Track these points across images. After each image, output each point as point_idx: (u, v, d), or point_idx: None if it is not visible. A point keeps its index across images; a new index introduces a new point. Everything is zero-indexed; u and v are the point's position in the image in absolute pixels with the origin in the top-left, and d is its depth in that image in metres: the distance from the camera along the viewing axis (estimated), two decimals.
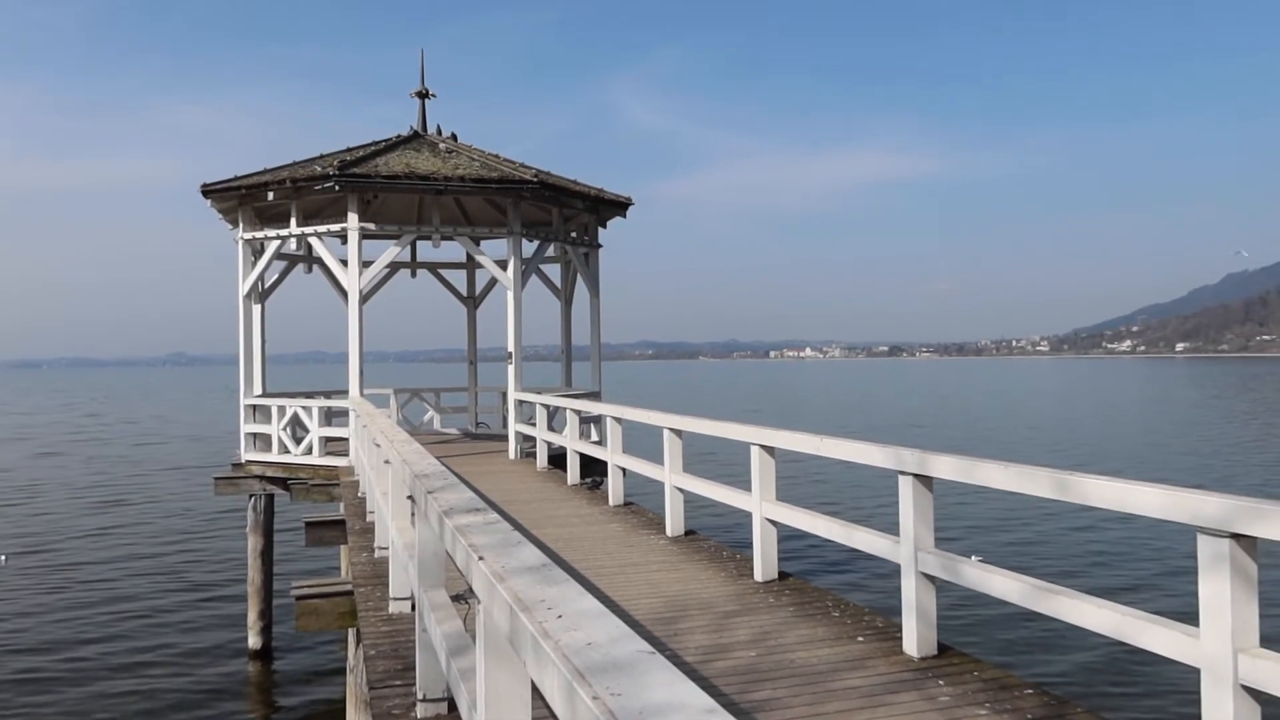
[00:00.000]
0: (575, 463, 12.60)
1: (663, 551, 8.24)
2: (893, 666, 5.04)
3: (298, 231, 15.67)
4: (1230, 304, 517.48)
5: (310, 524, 11.28)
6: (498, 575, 2.28)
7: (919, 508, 5.20)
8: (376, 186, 15.33)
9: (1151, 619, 3.89)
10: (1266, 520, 3.31)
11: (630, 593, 6.76)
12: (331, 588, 7.64)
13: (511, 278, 15.93)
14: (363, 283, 15.66)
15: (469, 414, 21.76)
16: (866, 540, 5.78)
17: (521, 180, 15.40)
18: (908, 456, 5.18)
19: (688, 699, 1.43)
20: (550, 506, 10.76)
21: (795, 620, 5.96)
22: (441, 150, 17.00)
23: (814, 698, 4.59)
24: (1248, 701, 3.45)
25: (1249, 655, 3.41)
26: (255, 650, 14.25)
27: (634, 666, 1.58)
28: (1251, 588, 3.48)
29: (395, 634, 5.72)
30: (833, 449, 6.08)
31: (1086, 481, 4.10)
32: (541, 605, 1.99)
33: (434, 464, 4.70)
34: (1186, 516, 3.57)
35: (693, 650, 5.35)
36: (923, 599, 5.20)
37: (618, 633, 1.78)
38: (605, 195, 17.69)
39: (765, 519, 7.00)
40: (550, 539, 8.77)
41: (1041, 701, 4.51)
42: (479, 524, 2.97)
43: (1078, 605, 4.18)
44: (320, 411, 15.14)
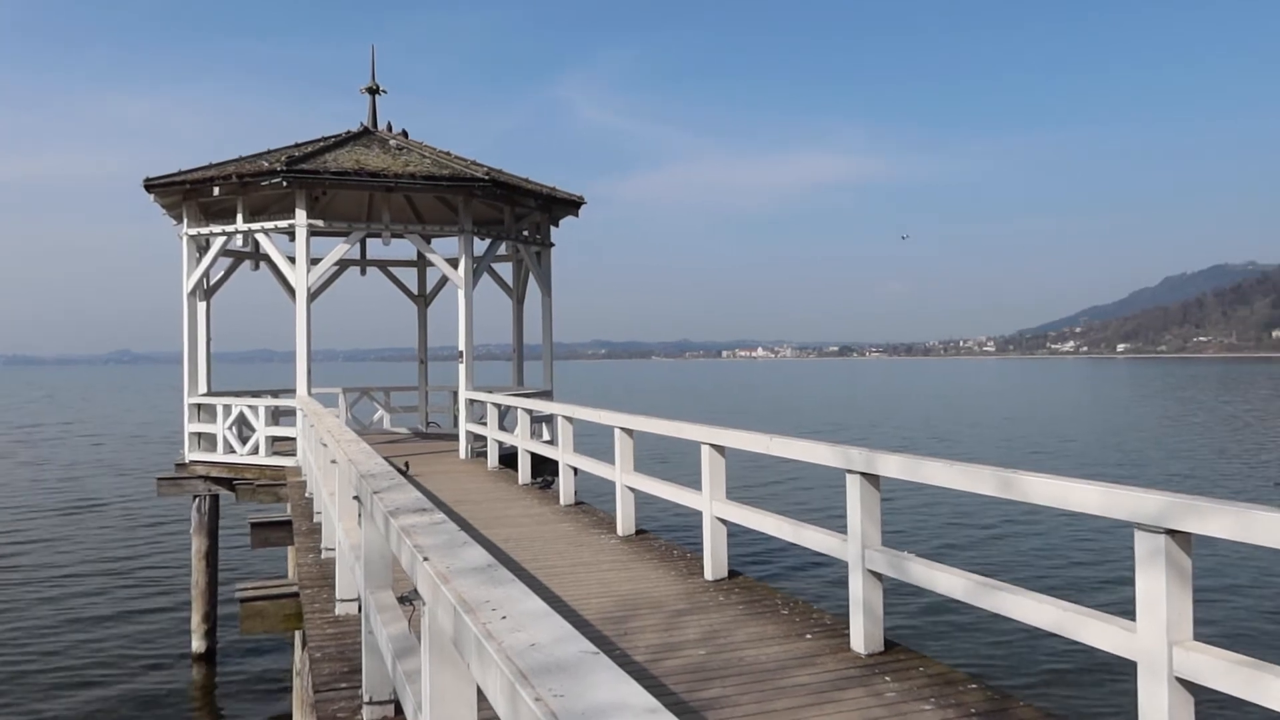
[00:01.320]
0: (526, 462, 12.55)
1: (613, 551, 8.24)
2: (840, 663, 5.09)
3: (244, 228, 15.41)
4: (1168, 306, 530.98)
5: (256, 525, 11.09)
6: (442, 576, 2.26)
7: (866, 506, 5.25)
8: (325, 183, 15.12)
9: (1091, 614, 3.97)
10: (1201, 516, 3.39)
11: (581, 592, 6.75)
12: (277, 589, 7.52)
13: (463, 276, 15.81)
14: (311, 280, 15.45)
15: (419, 413, 21.57)
16: (815, 538, 5.82)
17: (473, 178, 15.29)
18: (855, 455, 5.23)
19: (630, 699, 1.42)
20: (501, 506, 10.70)
21: (744, 618, 5.99)
22: (392, 147, 16.82)
23: (762, 695, 4.61)
24: (1182, 694, 3.53)
25: (1183, 648, 3.50)
26: (199, 654, 13.99)
27: (578, 667, 1.57)
28: (1186, 582, 3.56)
29: (342, 636, 5.65)
30: (782, 448, 6.12)
31: (1029, 479, 4.17)
32: (486, 606, 1.97)
33: (380, 464, 4.65)
34: (1124, 513, 3.65)
35: (643, 649, 5.35)
36: (870, 596, 5.25)
37: (562, 633, 1.77)
38: (557, 194, 17.64)
39: (715, 518, 7.02)
40: (500, 539, 8.72)
41: (985, 696, 4.58)
42: (425, 524, 2.94)
43: (1020, 601, 4.25)
44: (267, 411, 14.90)
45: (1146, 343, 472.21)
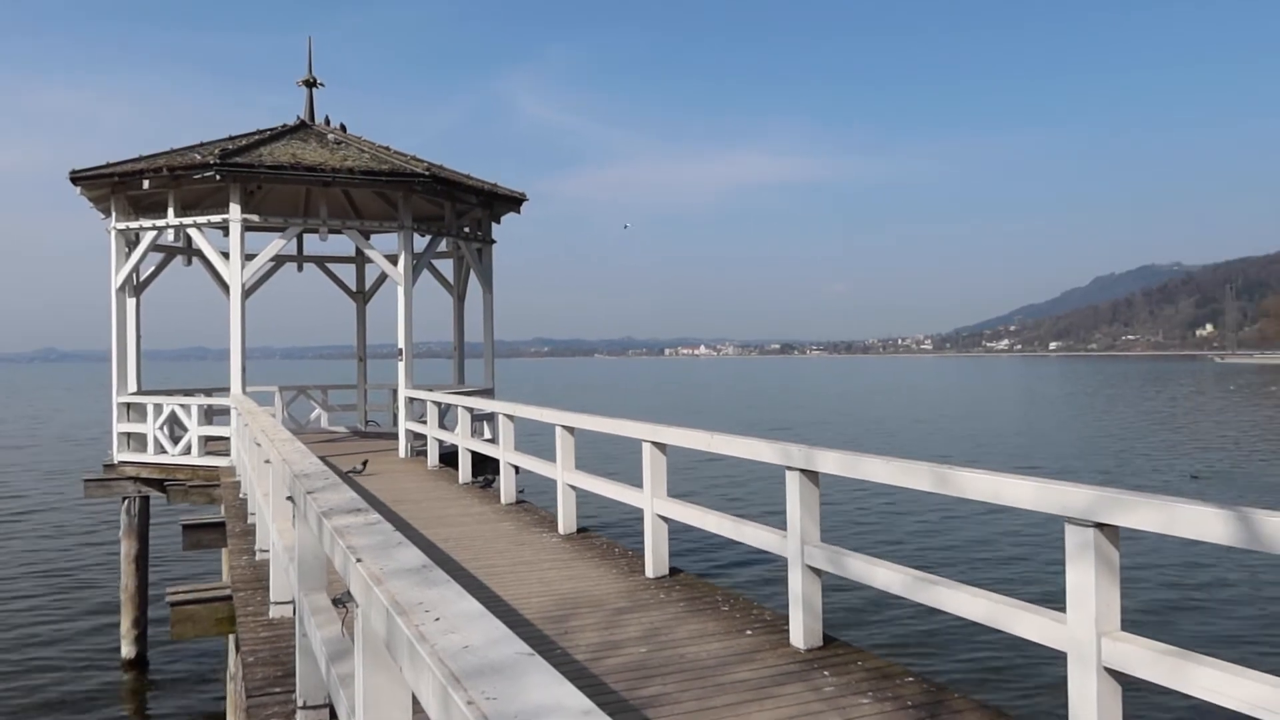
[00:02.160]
0: (467, 461, 12.44)
1: (555, 549, 8.20)
2: (780, 659, 5.12)
3: (175, 222, 15.02)
4: (1098, 305, 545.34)
5: (188, 526, 10.84)
6: (375, 577, 2.21)
7: (805, 502, 5.29)
8: (260, 177, 14.80)
9: (1023, 606, 4.05)
10: (1127, 510, 3.47)
11: (521, 591, 6.70)
12: (209, 593, 7.34)
13: (402, 273, 15.61)
14: (245, 276, 15.13)
15: (358, 412, 21.25)
16: (755, 535, 5.85)
17: (413, 173, 15.10)
18: (794, 452, 5.27)
19: (565, 701, 1.40)
20: (441, 505, 10.58)
21: (685, 615, 6.00)
22: (330, 141, 16.54)
23: (703, 692, 4.62)
24: (1110, 683, 3.62)
25: (1111, 638, 3.58)
26: (129, 660, 13.60)
27: (512, 669, 1.55)
28: (1114, 574, 3.65)
29: (276, 639, 5.53)
30: (723, 445, 6.14)
31: (964, 475, 4.23)
32: (419, 608, 1.94)
33: (315, 463, 4.55)
34: (1055, 507, 3.72)
35: (583, 648, 5.33)
36: (809, 592, 5.29)
37: (497, 635, 1.74)
38: (499, 190, 17.50)
39: (656, 515, 7.02)
40: (440, 538, 8.62)
41: (922, 689, 4.64)
42: (359, 525, 2.88)
43: (955, 594, 4.32)
44: (200, 409, 14.56)
45: (1078, 341, 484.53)
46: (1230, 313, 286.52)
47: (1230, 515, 3.14)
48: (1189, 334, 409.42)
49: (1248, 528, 3.08)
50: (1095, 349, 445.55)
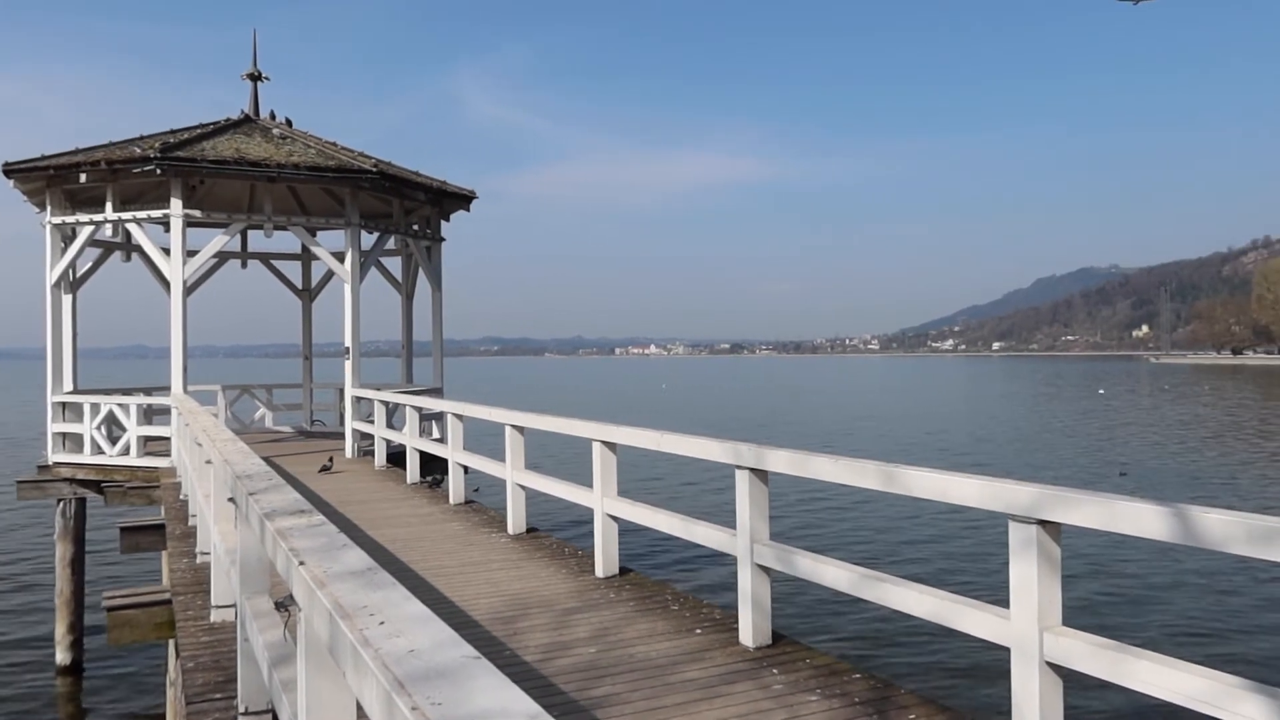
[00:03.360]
0: (415, 461, 12.30)
1: (504, 550, 8.14)
2: (729, 657, 5.14)
3: (114, 217, 14.66)
4: (1040, 307, 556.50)
5: (125, 529, 10.57)
6: (318, 581, 2.16)
7: (755, 501, 5.31)
8: (203, 171, 14.49)
9: (968, 603, 4.10)
10: (1069, 507, 3.54)
11: (470, 592, 6.64)
12: (148, 597, 7.16)
13: (349, 270, 15.40)
14: (187, 273, 14.80)
15: (304, 411, 20.93)
16: (705, 534, 5.86)
17: (360, 169, 14.90)
18: (744, 451, 5.28)
19: (512, 705, 1.38)
20: (388, 506, 10.45)
21: (635, 615, 6.00)
22: (275, 136, 16.25)
23: (653, 691, 4.62)
24: (1051, 677, 3.68)
25: (1053, 633, 3.64)
26: (64, 666, 13.23)
27: (458, 673, 1.52)
28: (1055, 570, 3.71)
29: (217, 644, 5.41)
30: (673, 444, 6.14)
31: (911, 474, 4.28)
32: (363, 611, 1.90)
33: (258, 464, 4.46)
34: (1000, 505, 3.78)
35: (533, 649, 5.29)
36: (758, 590, 5.32)
37: (443, 638, 1.71)
38: (448, 187, 17.34)
39: (606, 515, 7.01)
40: (387, 539, 8.51)
41: (869, 685, 4.68)
42: (302, 527, 2.82)
43: (902, 592, 4.36)
44: (138, 409, 14.22)
45: (1020, 341, 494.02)
46: (1164, 314, 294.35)
47: (1166, 512, 3.21)
48: (1125, 335, 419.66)
49: (1183, 523, 3.15)
50: (1036, 349, 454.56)
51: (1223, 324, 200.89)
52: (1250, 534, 2.98)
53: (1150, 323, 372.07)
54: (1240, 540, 3.01)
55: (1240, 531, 3.01)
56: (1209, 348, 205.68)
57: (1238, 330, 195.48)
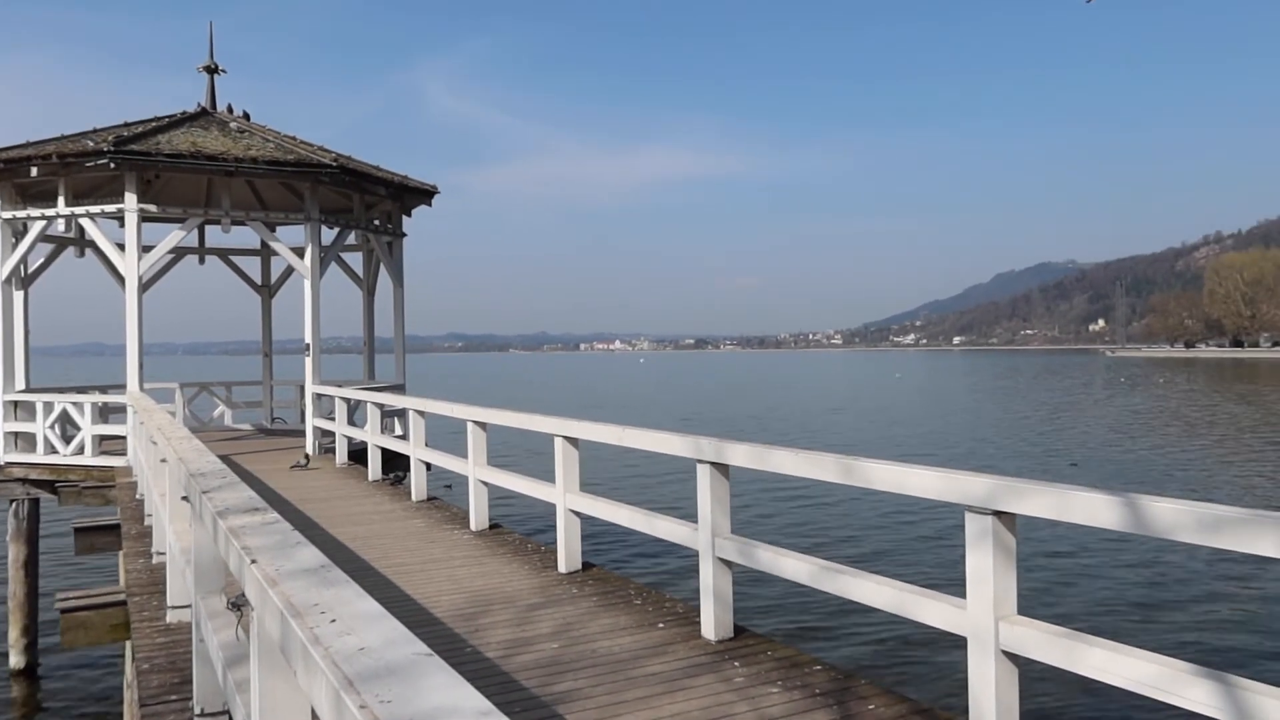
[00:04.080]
0: (376, 458, 12.21)
1: (466, 546, 8.10)
2: (692, 651, 5.15)
3: (66, 212, 14.38)
4: (999, 301, 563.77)
5: (80, 530, 10.40)
6: (270, 579, 2.13)
7: (716, 495, 5.32)
8: (158, 165, 14.25)
9: (926, 593, 4.14)
10: (1024, 497, 3.58)
11: (431, 590, 6.60)
12: (102, 598, 7.04)
13: (309, 266, 15.23)
14: (142, 269, 14.56)
15: (264, 409, 20.69)
16: (667, 528, 5.87)
17: (319, 164, 14.74)
18: (705, 445, 5.29)
19: (462, 702, 1.36)
20: (350, 504, 10.36)
21: (598, 610, 5.99)
22: (232, 129, 16.03)
23: (615, 686, 4.62)
24: (1007, 665, 3.73)
25: (1008, 623, 3.69)
26: (18, 670, 12.97)
27: (409, 671, 1.51)
28: (1011, 560, 3.76)
29: (173, 645, 5.33)
30: (635, 439, 6.14)
31: (869, 466, 4.31)
32: (315, 610, 1.87)
33: (212, 462, 4.40)
34: (956, 496, 3.82)
35: (495, 645, 5.27)
36: (720, 584, 5.33)
37: (395, 635, 1.69)
38: (409, 182, 17.21)
39: (569, 510, 7.00)
40: (348, 537, 8.44)
41: (829, 677, 4.72)
42: (255, 525, 2.79)
43: (861, 583, 4.40)
44: (93, 407, 13.97)
45: (980, 335, 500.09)
46: (1120, 309, 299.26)
47: (1118, 501, 3.26)
48: (1083, 329, 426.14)
49: (1134, 513, 3.21)
50: (996, 343, 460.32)
51: (1176, 318, 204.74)
52: (1199, 522, 3.04)
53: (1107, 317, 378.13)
54: (1189, 528, 3.06)
55: (1189, 520, 3.06)
56: (1163, 341, 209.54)
57: (1190, 324, 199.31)
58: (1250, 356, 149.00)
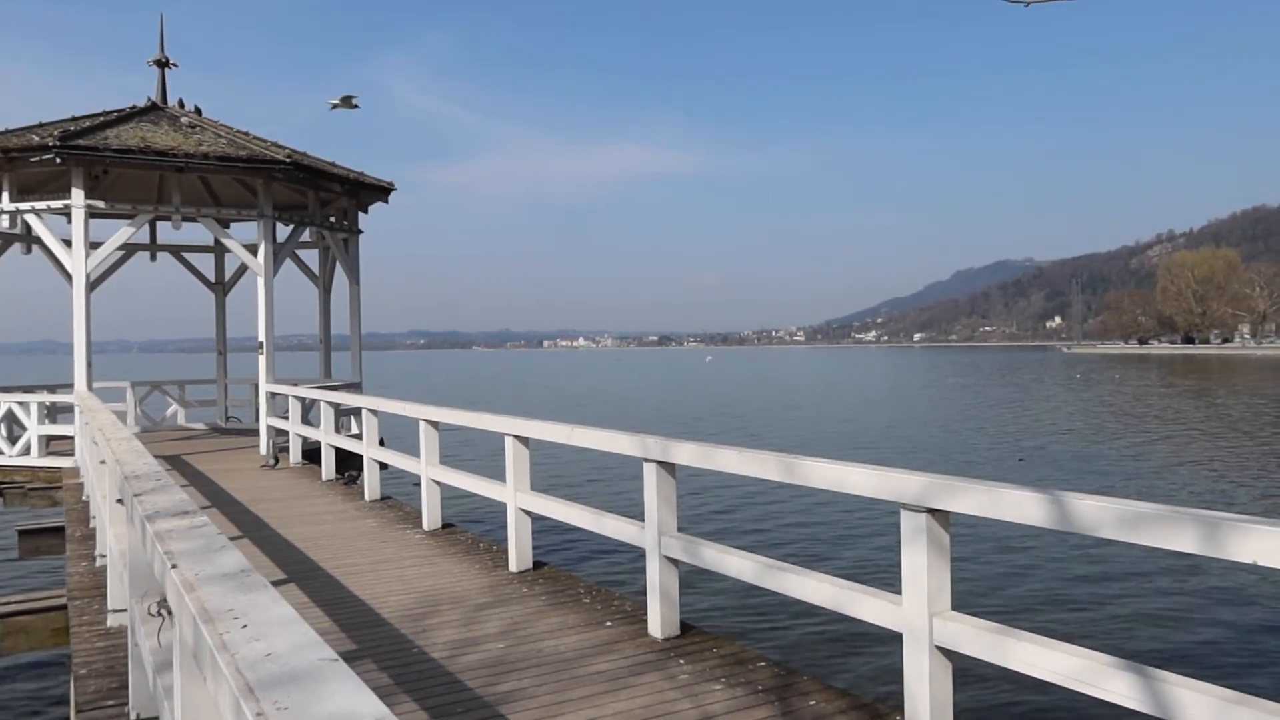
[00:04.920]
0: (330, 457, 12.11)
1: (418, 546, 8.07)
2: (638, 649, 5.17)
3: (11, 207, 14.12)
4: (959, 299, 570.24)
5: (24, 532, 10.24)
6: (188, 584, 2.12)
7: (662, 493, 5.35)
8: (106, 160, 14.02)
9: (864, 590, 4.20)
10: (956, 495, 3.64)
11: (380, 590, 6.56)
12: (43, 602, 6.95)
13: (262, 263, 15.06)
14: (90, 266, 14.34)
15: (218, 408, 20.43)
16: (614, 527, 5.89)
17: (273, 160, 14.57)
18: (652, 444, 5.32)
19: (359, 708, 1.37)
20: (302, 504, 10.27)
21: (547, 609, 6.00)
22: (183, 124, 15.80)
23: (559, 685, 4.63)
24: (941, 660, 3.79)
25: (942, 618, 3.75)
26: None
27: (312, 677, 1.50)
28: (945, 557, 3.82)
29: (112, 649, 5.26)
30: (583, 438, 6.15)
31: (809, 464, 4.36)
32: (228, 615, 1.86)
33: (149, 464, 4.34)
34: (892, 494, 3.87)
35: (441, 646, 5.26)
36: (666, 582, 5.36)
37: (304, 641, 1.69)
38: (365, 179, 17.06)
39: (519, 509, 6.99)
40: (299, 538, 8.37)
41: (773, 673, 4.76)
42: (182, 529, 2.76)
43: (802, 581, 4.44)
44: (39, 407, 13.71)
45: (940, 332, 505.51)
46: (1076, 306, 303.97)
47: (1045, 498, 3.33)
48: (1040, 325, 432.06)
49: (1060, 509, 3.27)
50: (956, 340, 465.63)
51: (1130, 315, 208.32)
52: (1119, 519, 3.11)
53: (1063, 314, 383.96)
54: (1110, 525, 3.14)
55: (1110, 517, 3.13)
56: (1117, 338, 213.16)
57: (1144, 321, 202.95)
58: (1201, 353, 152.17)
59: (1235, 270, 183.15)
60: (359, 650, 5.17)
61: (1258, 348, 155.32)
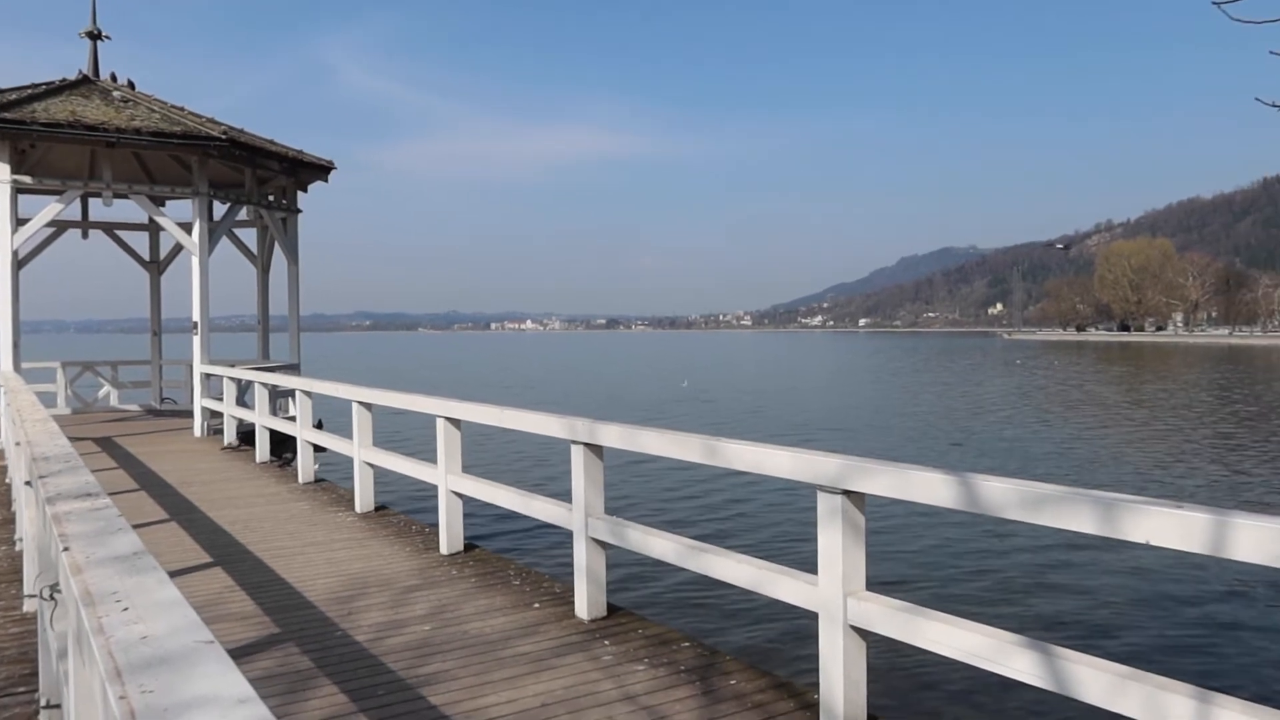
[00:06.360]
0: (264, 439, 11.94)
1: (349, 529, 8.00)
2: (564, 630, 5.20)
3: None
4: (903, 284, 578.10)
5: None
6: (75, 566, 2.08)
7: (590, 475, 5.37)
8: (33, 134, 13.64)
9: (782, 570, 4.26)
10: (870, 477, 3.71)
11: (309, 573, 6.50)
12: None
13: (197, 242, 14.77)
14: (16, 243, 13.97)
15: (152, 389, 20.02)
16: (543, 509, 5.90)
17: (208, 136, 14.27)
18: (579, 426, 5.33)
19: (224, 691, 1.36)
20: (233, 486, 10.11)
21: (475, 591, 5.99)
22: (116, 99, 15.37)
23: (483, 667, 4.63)
24: (855, 639, 3.87)
25: (857, 598, 3.82)
26: None
27: (184, 660, 1.49)
28: (860, 538, 3.89)
29: (27, 635, 5.14)
30: (513, 420, 6.14)
31: (731, 447, 4.40)
32: (111, 598, 1.84)
33: (60, 445, 4.24)
34: (809, 476, 3.93)
35: (366, 628, 5.23)
36: (593, 563, 5.39)
37: (183, 624, 1.67)
38: (304, 157, 16.78)
39: (450, 491, 6.97)
40: (227, 520, 8.25)
41: (696, 653, 4.82)
42: (81, 511, 2.71)
43: (723, 562, 4.50)
44: None
45: (884, 317, 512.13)
46: (1017, 293, 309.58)
47: (954, 480, 3.40)
48: (982, 312, 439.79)
49: (968, 491, 3.35)
50: (900, 325, 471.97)
51: (1069, 303, 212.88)
52: (1023, 500, 3.19)
53: (1004, 301, 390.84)
54: (1015, 506, 3.22)
55: (1015, 498, 3.22)
56: (1057, 325, 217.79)
57: (1082, 308, 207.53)
58: (1135, 340, 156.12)
59: (1170, 260, 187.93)
60: (282, 634, 5.13)
61: (1189, 335, 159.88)
